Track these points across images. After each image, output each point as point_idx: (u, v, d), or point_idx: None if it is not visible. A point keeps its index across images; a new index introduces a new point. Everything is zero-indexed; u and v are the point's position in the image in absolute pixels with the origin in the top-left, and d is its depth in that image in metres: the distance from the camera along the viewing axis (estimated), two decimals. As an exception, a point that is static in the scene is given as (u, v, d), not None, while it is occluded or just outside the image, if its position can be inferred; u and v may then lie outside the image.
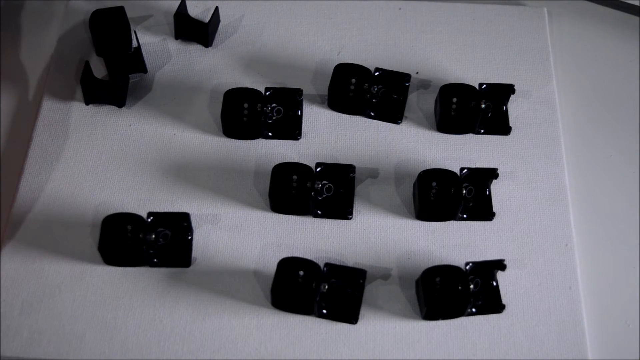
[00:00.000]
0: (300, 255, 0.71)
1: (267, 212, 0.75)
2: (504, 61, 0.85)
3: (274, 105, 0.79)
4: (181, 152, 0.78)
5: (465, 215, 0.75)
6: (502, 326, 0.70)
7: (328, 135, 0.80)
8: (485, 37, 0.87)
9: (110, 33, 0.79)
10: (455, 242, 0.74)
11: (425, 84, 0.83)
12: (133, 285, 0.71)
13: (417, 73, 0.84)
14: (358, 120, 0.81)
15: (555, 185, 0.77)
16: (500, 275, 0.71)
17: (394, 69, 0.81)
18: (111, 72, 0.81)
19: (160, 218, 0.71)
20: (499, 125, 0.80)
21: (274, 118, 0.79)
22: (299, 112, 0.79)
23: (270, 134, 0.79)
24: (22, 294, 0.70)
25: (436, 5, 0.89)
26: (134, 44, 0.81)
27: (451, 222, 0.75)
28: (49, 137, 0.78)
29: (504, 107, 0.80)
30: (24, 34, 0.86)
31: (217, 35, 0.85)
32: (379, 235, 0.74)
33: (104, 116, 0.80)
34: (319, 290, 0.68)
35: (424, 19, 0.88)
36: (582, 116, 0.83)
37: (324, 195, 0.75)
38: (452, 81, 0.81)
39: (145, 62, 0.82)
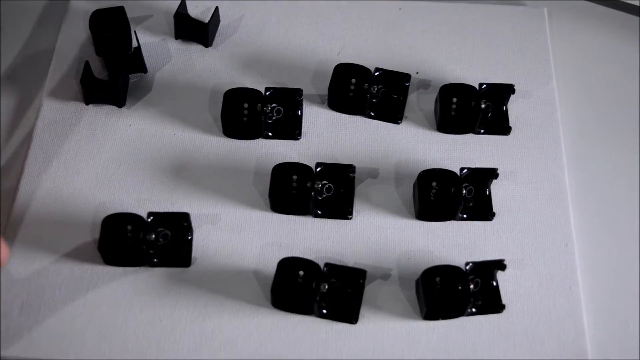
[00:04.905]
0: (300, 255, 0.71)
1: (267, 212, 0.75)
2: (504, 61, 0.85)
3: (274, 105, 0.79)
4: (181, 152, 0.78)
5: (465, 215, 0.75)
6: (502, 326, 0.70)
7: (328, 135, 0.80)
8: (485, 37, 0.87)
9: (110, 33, 0.79)
10: (455, 242, 0.74)
11: (425, 84, 0.83)
12: (133, 285, 0.71)
13: (417, 73, 0.84)
14: (358, 120, 0.81)
15: (555, 185, 0.77)
16: (500, 275, 0.71)
17: (394, 69, 0.81)
18: (111, 72, 0.81)
19: (160, 218, 0.71)
20: (499, 125, 0.80)
21: (274, 118, 0.79)
22: (299, 112, 0.79)
23: (270, 134, 0.79)
24: (22, 294, 0.70)
25: (436, 5, 0.89)
26: (134, 44, 0.81)
27: (451, 222, 0.75)
28: (49, 137, 0.78)
29: (504, 107, 0.80)
30: (24, 34, 0.86)
31: (217, 35, 0.86)
32: (379, 235, 0.74)
33: (104, 116, 0.80)
34: (319, 290, 0.68)
35: (424, 19, 0.88)
36: (582, 116, 0.83)
37: (324, 195, 0.75)
38: (452, 81, 0.81)
39: (145, 62, 0.82)
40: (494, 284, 0.71)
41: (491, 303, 0.70)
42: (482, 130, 0.80)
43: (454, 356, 0.69)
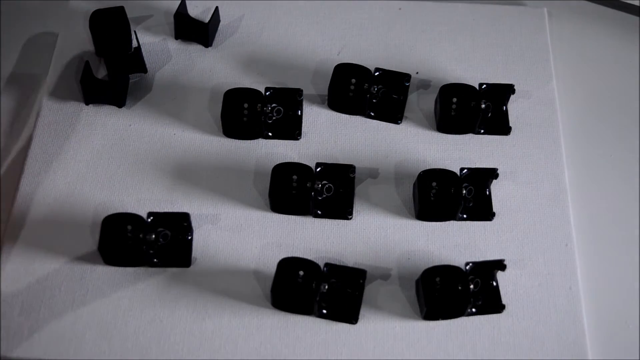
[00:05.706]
0: (300, 255, 0.71)
1: (267, 212, 0.75)
2: (504, 61, 0.85)
3: (274, 105, 0.79)
4: (181, 152, 0.78)
5: (465, 215, 0.75)
6: (502, 326, 0.70)
7: (328, 135, 0.80)
8: (485, 37, 0.87)
9: (110, 33, 0.79)
10: (455, 242, 0.74)
11: (425, 84, 0.83)
12: (133, 285, 0.71)
13: (417, 73, 0.84)
14: (358, 120, 0.81)
15: (555, 185, 0.77)
16: (500, 275, 0.71)
17: (394, 69, 0.81)
18: (111, 72, 0.81)
19: (160, 218, 0.71)
20: (499, 125, 0.80)
21: (274, 118, 0.79)
22: (299, 112, 0.79)
23: (270, 134, 0.79)
24: (22, 294, 0.70)
25: (436, 5, 0.89)
26: (134, 44, 0.81)
27: (451, 222, 0.75)
28: (49, 137, 0.78)
29: (504, 107, 0.80)
30: (24, 34, 0.86)
31: (217, 35, 0.86)
32: (379, 235, 0.74)
33: (104, 116, 0.80)
34: (319, 290, 0.68)
35: (424, 19, 0.88)
36: (582, 116, 0.83)
37: (324, 195, 0.75)
38: (452, 81, 0.81)
39: (145, 62, 0.82)
40: (494, 284, 0.71)
41: (491, 303, 0.70)
42: (482, 130, 0.80)
43: (454, 356, 0.69)
